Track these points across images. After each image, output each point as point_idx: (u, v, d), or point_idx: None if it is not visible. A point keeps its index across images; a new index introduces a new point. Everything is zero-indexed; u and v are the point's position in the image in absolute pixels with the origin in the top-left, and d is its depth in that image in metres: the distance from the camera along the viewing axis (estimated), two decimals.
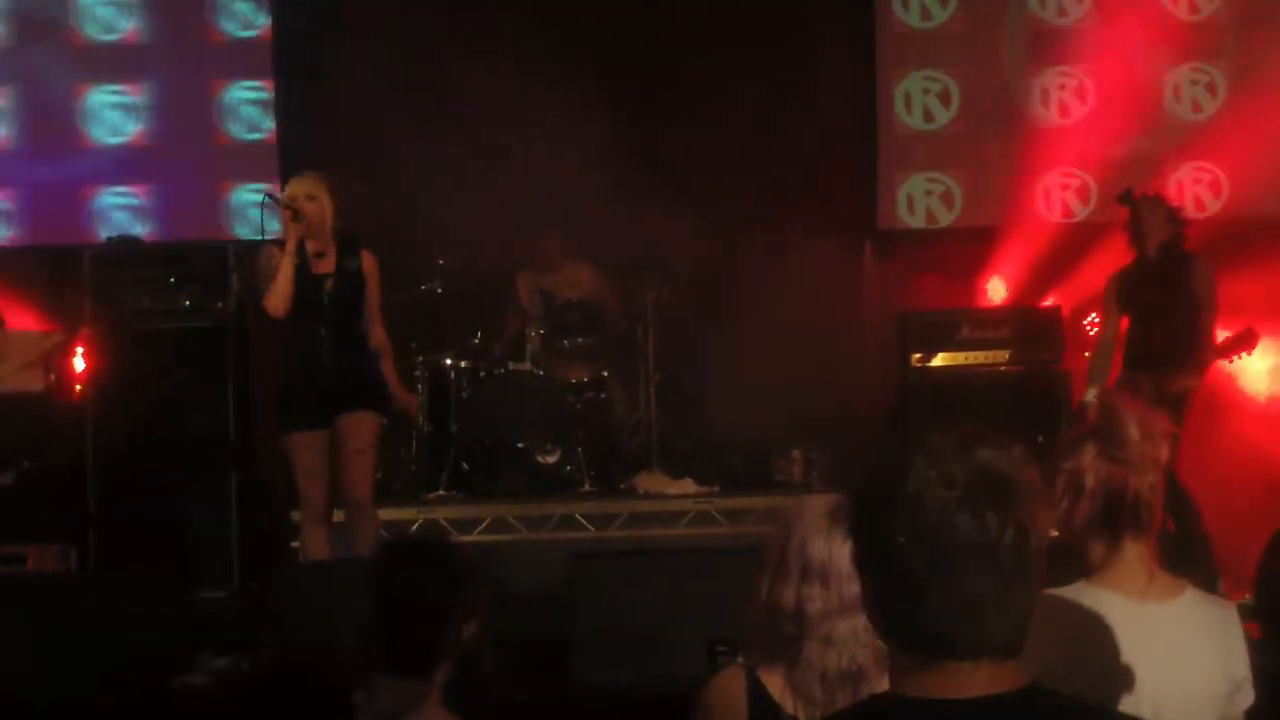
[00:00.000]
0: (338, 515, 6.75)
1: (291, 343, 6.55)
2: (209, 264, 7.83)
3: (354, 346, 6.56)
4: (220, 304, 7.73)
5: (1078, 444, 2.86)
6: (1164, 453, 2.82)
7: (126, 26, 9.49)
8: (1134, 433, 2.79)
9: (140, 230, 9.18)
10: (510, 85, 8.15)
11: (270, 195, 6.75)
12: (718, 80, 9.01)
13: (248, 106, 9.47)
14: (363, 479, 6.51)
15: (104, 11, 9.44)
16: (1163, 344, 7.06)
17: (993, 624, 1.78)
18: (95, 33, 9.47)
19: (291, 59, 9.30)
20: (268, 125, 9.43)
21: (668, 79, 9.13)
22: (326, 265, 6.51)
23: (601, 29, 9.08)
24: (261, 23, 9.46)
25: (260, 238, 8.67)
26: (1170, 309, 7.10)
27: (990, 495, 1.77)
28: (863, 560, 1.86)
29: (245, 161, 9.42)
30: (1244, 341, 7.22)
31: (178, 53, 9.48)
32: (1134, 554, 2.83)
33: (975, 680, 1.78)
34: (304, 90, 9.17)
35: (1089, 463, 2.81)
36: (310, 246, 6.47)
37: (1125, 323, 7.36)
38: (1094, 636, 2.76)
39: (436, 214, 8.05)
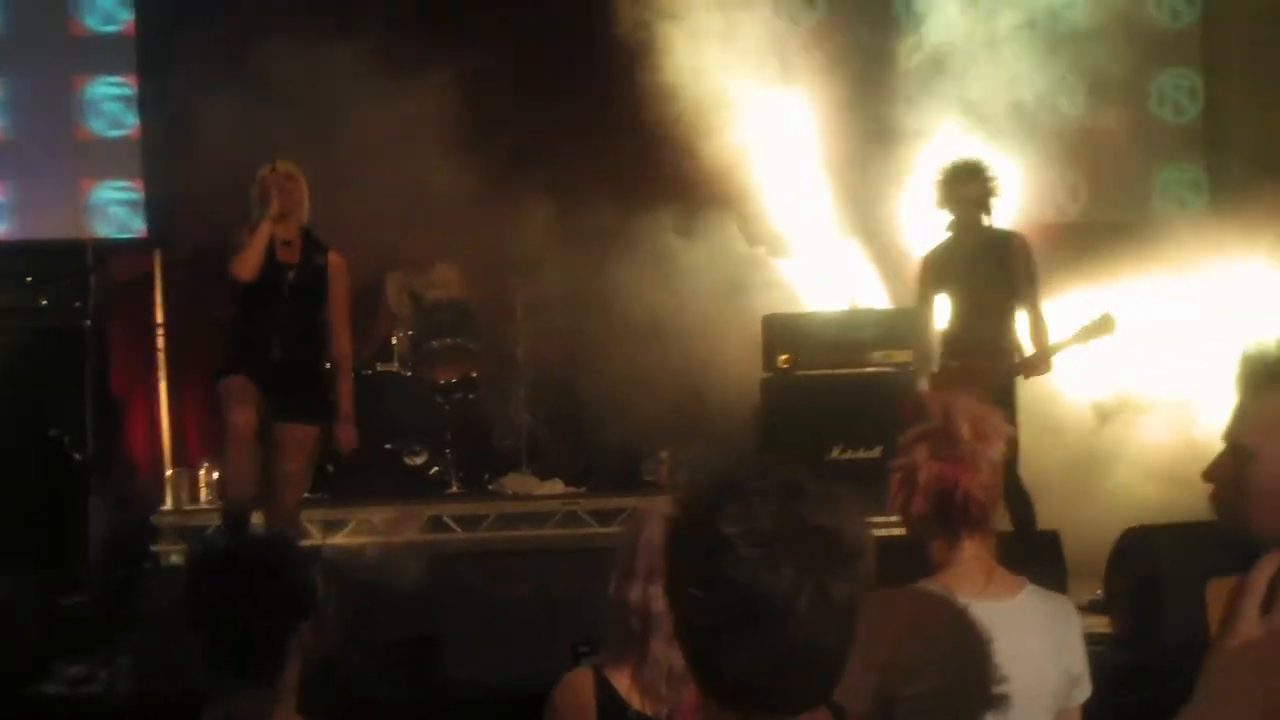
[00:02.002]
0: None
1: (242, 330, 6.33)
2: (68, 263, 7.68)
3: (307, 345, 6.38)
4: (79, 303, 7.58)
5: (912, 442, 2.91)
6: (997, 452, 2.86)
7: None
8: (966, 432, 2.83)
9: None
10: (378, 85, 8.09)
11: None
12: (588, 77, 9.01)
13: (110, 103, 9.28)
14: (291, 491, 6.35)
15: None
16: (982, 328, 6.90)
17: (795, 683, 1.69)
18: None
19: (155, 55, 9.13)
20: (130, 122, 9.25)
21: (534, 78, 9.10)
22: (291, 255, 6.33)
23: (470, 29, 9.02)
24: (124, 18, 9.29)
25: (122, 236, 8.52)
26: (987, 289, 6.91)
27: (797, 551, 1.66)
28: (672, 600, 1.76)
29: (107, 159, 9.25)
30: (1104, 328, 6.75)
31: (38, 47, 9.28)
32: (971, 552, 2.88)
33: None
34: (168, 87, 9.00)
35: (921, 461, 2.86)
36: (279, 234, 6.28)
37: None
38: (933, 634, 2.81)
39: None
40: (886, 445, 7.38)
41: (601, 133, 8.99)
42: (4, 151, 9.23)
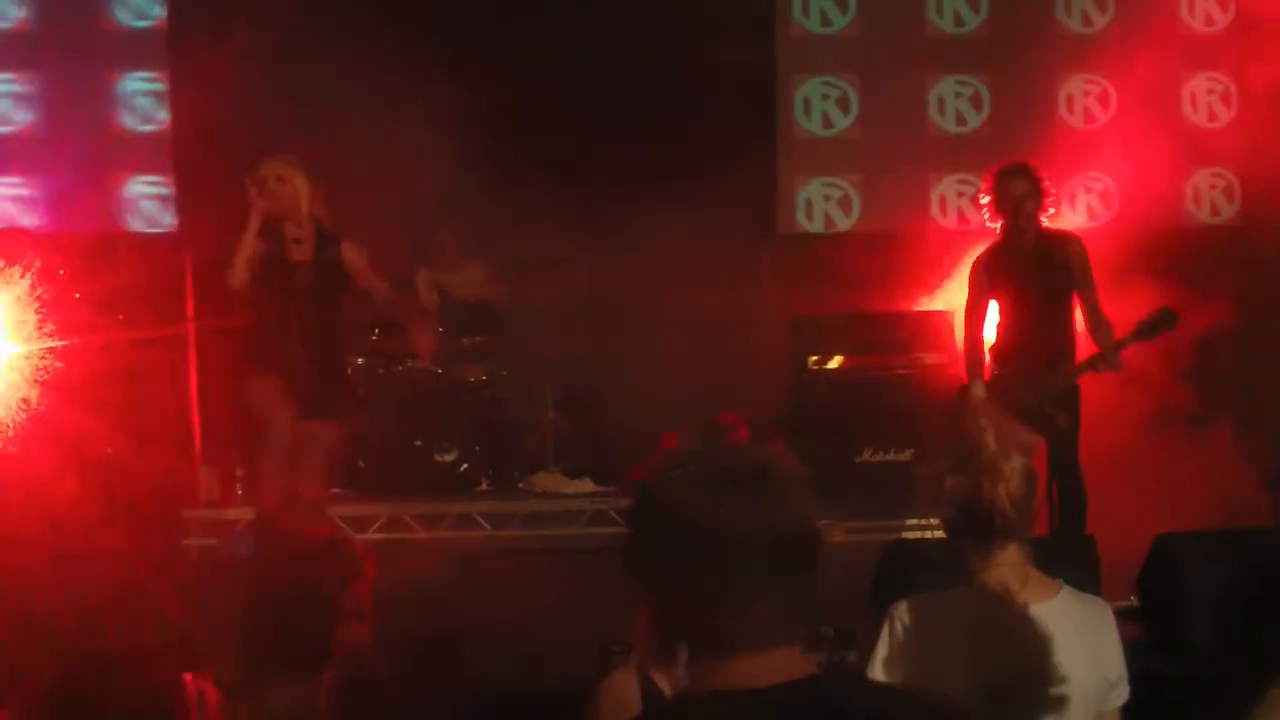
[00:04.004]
0: None
1: (261, 331, 6.34)
2: (99, 258, 7.71)
3: (326, 341, 6.41)
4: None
5: (937, 452, 2.91)
6: (1020, 462, 2.85)
7: (18, 15, 9.27)
8: (990, 442, 2.83)
9: (30, 221, 8.97)
10: (406, 83, 8.09)
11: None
12: (616, 82, 9.01)
13: (141, 98, 9.30)
14: (313, 487, 6.35)
15: None
16: (1034, 332, 6.79)
17: (767, 612, 1.80)
18: None
19: (186, 51, 9.10)
20: (162, 116, 9.27)
21: (564, 81, 9.08)
22: (303, 253, 6.35)
23: (495, 31, 9.02)
24: (156, 13, 9.30)
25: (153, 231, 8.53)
26: (1039, 292, 6.82)
27: (753, 490, 1.80)
28: (643, 563, 1.87)
29: (139, 153, 9.26)
30: (1165, 321, 6.62)
31: (71, 42, 9.29)
32: (1004, 559, 2.88)
33: (764, 670, 1.80)
34: (198, 83, 9.01)
35: (944, 471, 2.86)
36: (288, 232, 6.31)
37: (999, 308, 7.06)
38: (970, 638, 2.81)
39: (333, 210, 7.98)
40: (917, 448, 7.37)
41: (631, 135, 8.98)
42: (37, 145, 9.25)
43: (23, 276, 7.50)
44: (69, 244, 8.07)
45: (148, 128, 9.30)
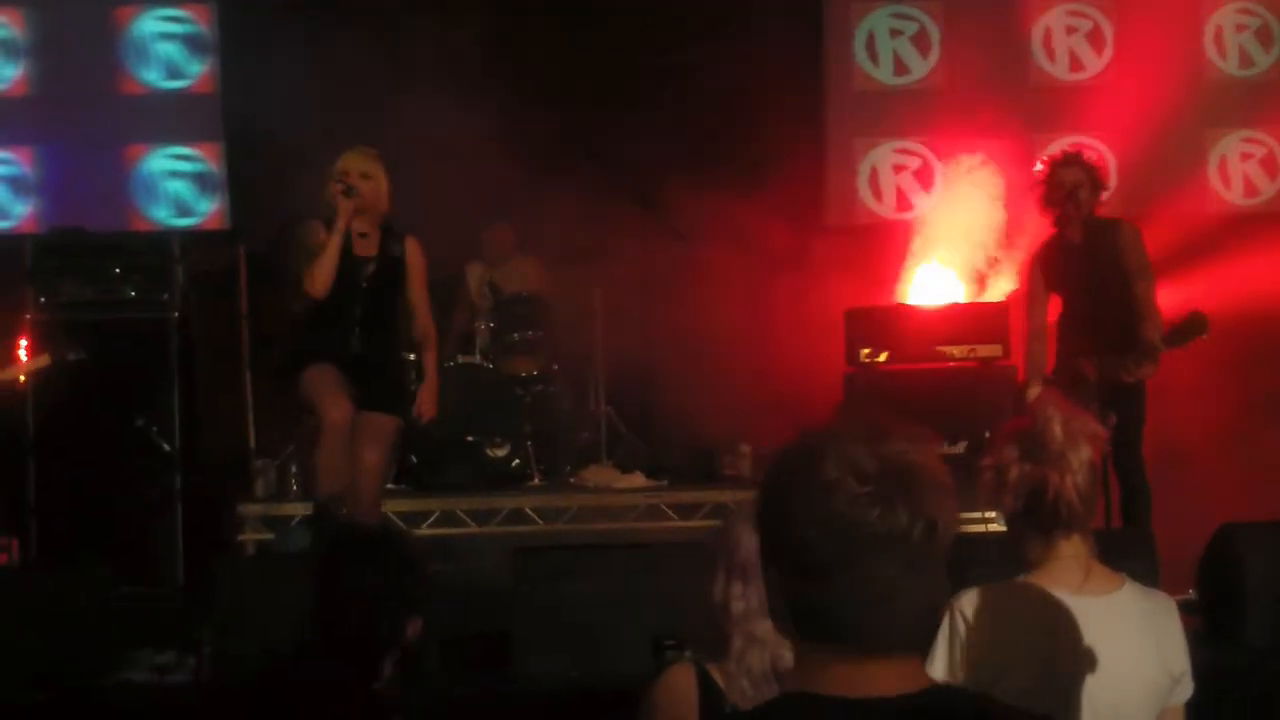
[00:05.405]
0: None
1: (319, 324, 6.30)
2: (154, 255, 7.77)
3: (385, 338, 6.40)
4: (165, 295, 7.68)
5: (1002, 442, 2.88)
6: (1087, 453, 2.82)
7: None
8: (1058, 432, 2.80)
9: (19, 209, 8.33)
10: (455, 77, 8.10)
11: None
12: (664, 70, 8.96)
13: (166, 43, 8.08)
14: (372, 481, 6.33)
15: None
16: (1105, 325, 6.61)
17: (899, 615, 1.75)
18: None
19: (236, 49, 8.57)
20: (194, 70, 8.27)
21: (611, 71, 9.03)
22: (369, 248, 6.32)
23: (542, 16, 8.99)
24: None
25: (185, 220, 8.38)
26: (1098, 282, 6.67)
27: (900, 487, 1.74)
28: (771, 551, 1.82)
29: (163, 118, 8.14)
30: (1196, 327, 6.31)
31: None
32: (1067, 551, 2.85)
33: (884, 677, 1.75)
34: (250, 81, 8.62)
35: (1011, 461, 2.84)
36: (355, 226, 6.26)
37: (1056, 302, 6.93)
38: (1033, 631, 2.79)
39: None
40: (971, 441, 7.32)
41: (679, 123, 8.94)
42: (30, 106, 8.11)
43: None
44: (123, 239, 8.12)
45: (176, 84, 8.52)
